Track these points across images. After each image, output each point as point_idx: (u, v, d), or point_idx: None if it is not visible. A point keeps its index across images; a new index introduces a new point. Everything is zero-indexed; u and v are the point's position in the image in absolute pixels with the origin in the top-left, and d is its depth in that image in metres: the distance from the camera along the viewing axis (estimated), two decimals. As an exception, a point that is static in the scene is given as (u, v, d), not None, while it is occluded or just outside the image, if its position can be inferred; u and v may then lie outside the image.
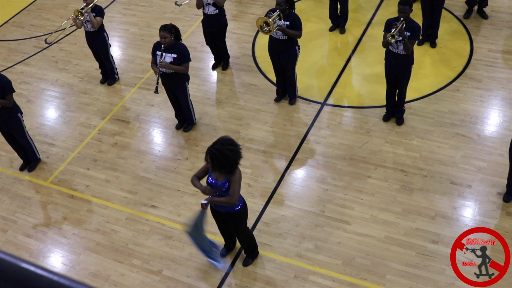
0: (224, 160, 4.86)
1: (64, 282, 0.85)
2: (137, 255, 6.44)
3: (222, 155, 4.85)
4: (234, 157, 4.93)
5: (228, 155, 4.87)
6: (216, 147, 4.88)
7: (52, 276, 0.86)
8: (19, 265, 0.87)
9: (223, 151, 4.86)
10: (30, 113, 8.76)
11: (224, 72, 9.23)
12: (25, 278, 0.86)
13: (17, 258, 0.89)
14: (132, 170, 7.58)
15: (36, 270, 0.87)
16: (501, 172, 6.81)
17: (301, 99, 8.42)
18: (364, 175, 7.07)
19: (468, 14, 9.77)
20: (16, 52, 10.50)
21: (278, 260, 6.18)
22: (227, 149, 4.88)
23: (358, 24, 10.05)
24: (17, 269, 0.87)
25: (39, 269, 0.88)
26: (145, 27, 10.73)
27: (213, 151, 4.86)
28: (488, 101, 8.03)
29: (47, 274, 0.87)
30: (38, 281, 0.85)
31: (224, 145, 4.90)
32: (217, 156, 4.85)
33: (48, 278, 0.86)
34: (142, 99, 8.85)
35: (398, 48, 7.01)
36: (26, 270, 0.87)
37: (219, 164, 4.89)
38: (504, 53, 8.91)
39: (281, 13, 7.38)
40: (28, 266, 0.88)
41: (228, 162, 4.89)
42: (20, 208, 7.26)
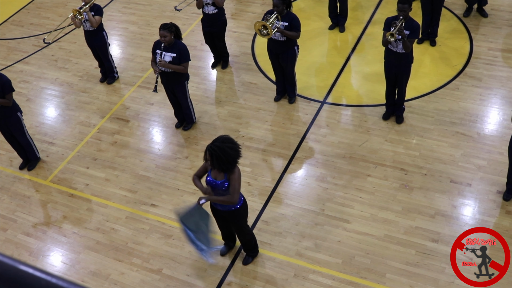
0: (224, 157, 4.87)
1: (62, 284, 0.85)
2: (137, 254, 6.44)
3: (222, 152, 4.86)
4: (234, 155, 4.94)
5: (228, 152, 4.89)
6: (216, 144, 4.89)
7: (50, 279, 0.86)
8: (17, 267, 0.87)
9: (223, 148, 4.87)
10: (29, 112, 8.75)
11: (223, 71, 9.22)
12: (24, 281, 0.86)
13: (15, 260, 0.89)
14: (131, 169, 7.58)
15: (34, 272, 0.87)
16: (501, 170, 6.81)
17: (300, 98, 8.41)
18: (364, 173, 7.07)
19: (468, 12, 9.77)
20: (16, 51, 10.49)
21: (278, 258, 6.18)
22: (227, 147, 4.90)
23: (357, 22, 10.05)
24: (16, 272, 0.87)
25: (37, 271, 0.88)
26: (144, 25, 10.72)
27: (213, 148, 4.88)
28: (488, 100, 8.03)
29: (45, 276, 0.87)
30: (36, 283, 0.85)
31: (224, 143, 4.92)
32: (217, 153, 4.86)
33: (46, 280, 0.86)
34: (141, 97, 8.85)
35: (398, 47, 7.01)
36: (24, 272, 0.87)
37: (219, 161, 4.90)
38: (504, 52, 8.91)
39: (279, 14, 7.37)
40: (26, 268, 0.87)
41: (227, 159, 4.90)
42: (19, 207, 7.26)
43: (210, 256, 5.38)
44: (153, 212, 6.92)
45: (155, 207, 6.98)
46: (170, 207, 6.93)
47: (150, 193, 7.18)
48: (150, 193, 7.17)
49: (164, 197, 7.09)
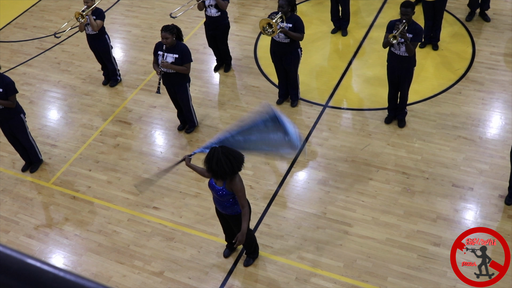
0: (226, 164, 4.84)
1: (70, 277, 0.86)
2: (139, 257, 6.44)
3: (225, 159, 4.84)
4: (237, 163, 4.92)
5: (231, 160, 4.87)
6: (221, 149, 4.88)
7: (58, 272, 0.87)
8: (25, 261, 0.88)
9: (226, 154, 4.86)
10: (32, 114, 8.77)
11: (226, 74, 9.24)
12: (32, 274, 0.87)
13: (22, 254, 0.90)
14: (134, 172, 7.59)
15: (42, 266, 0.88)
16: (503, 174, 6.80)
17: (303, 101, 8.42)
18: (366, 177, 7.07)
19: (470, 16, 9.78)
20: (19, 53, 10.52)
21: (279, 262, 6.18)
22: (231, 154, 4.88)
23: (359, 26, 10.07)
24: (23, 265, 0.88)
25: (44, 265, 0.89)
26: (147, 28, 10.75)
27: (217, 151, 4.86)
28: (490, 104, 8.03)
29: (52, 270, 0.88)
30: (44, 276, 0.86)
31: (228, 151, 4.89)
32: (220, 157, 4.83)
33: (54, 274, 0.87)
34: (144, 100, 8.87)
35: (400, 50, 7.02)
36: (31, 265, 0.88)
37: (219, 166, 4.86)
38: (506, 56, 8.91)
39: (284, 15, 7.40)
40: (34, 261, 0.89)
41: (228, 166, 4.86)
42: (22, 209, 7.27)
43: (297, 140, 5.29)
44: (155, 214, 6.93)
45: (157, 210, 6.98)
46: (172, 210, 6.94)
47: (152, 195, 7.19)
48: (152, 196, 7.18)
49: (166, 200, 7.09)
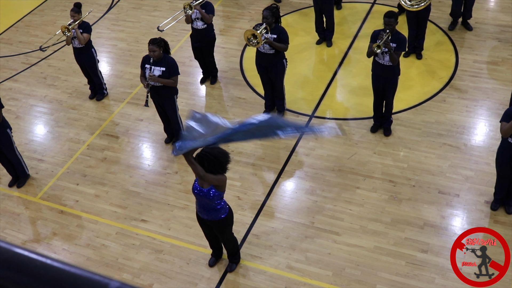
0: (216, 160, 5.06)
1: (57, 265, 0.89)
2: (128, 270, 6.42)
3: (214, 156, 5.05)
4: (225, 159, 5.14)
5: (219, 156, 5.10)
6: (207, 150, 5.06)
7: (45, 260, 0.90)
8: (12, 250, 0.91)
9: (214, 153, 5.06)
10: (19, 129, 8.73)
11: (212, 86, 9.27)
12: (19, 262, 0.90)
13: (10, 244, 0.92)
14: (121, 185, 7.58)
15: (29, 254, 0.91)
16: (488, 181, 6.88)
17: (289, 112, 8.47)
18: (353, 186, 7.11)
19: (453, 26, 9.91)
20: (4, 68, 10.50)
21: (268, 272, 6.18)
22: (218, 151, 5.11)
23: (344, 37, 10.16)
24: (11, 254, 0.90)
25: (32, 253, 0.92)
26: (133, 42, 10.77)
27: (204, 153, 5.05)
28: (474, 111, 8.13)
29: (40, 258, 0.90)
30: (31, 264, 0.89)
31: (213, 149, 5.09)
32: (209, 157, 5.04)
33: (41, 261, 0.89)
34: (131, 114, 8.87)
35: (384, 59, 7.10)
36: (19, 254, 0.91)
37: (211, 165, 5.05)
38: (489, 64, 9.04)
39: (268, 26, 7.46)
40: (21, 250, 0.91)
41: (219, 162, 5.08)
42: (9, 225, 7.22)
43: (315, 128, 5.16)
44: (143, 227, 6.92)
45: (145, 223, 6.97)
46: (160, 222, 6.93)
47: (140, 208, 7.17)
48: (140, 209, 7.17)
49: (154, 213, 7.08)
